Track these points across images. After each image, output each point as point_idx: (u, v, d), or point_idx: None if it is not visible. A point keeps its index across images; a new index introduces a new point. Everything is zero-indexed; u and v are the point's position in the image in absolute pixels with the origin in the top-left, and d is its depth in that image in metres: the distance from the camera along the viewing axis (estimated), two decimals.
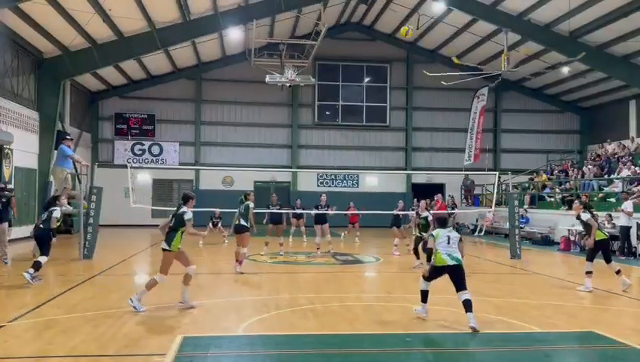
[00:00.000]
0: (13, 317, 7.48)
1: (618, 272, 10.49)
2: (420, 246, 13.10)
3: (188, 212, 8.18)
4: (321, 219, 16.19)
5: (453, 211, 23.96)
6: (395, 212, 15.96)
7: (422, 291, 7.79)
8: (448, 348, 6.62)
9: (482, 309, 8.39)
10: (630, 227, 16.02)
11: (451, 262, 7.42)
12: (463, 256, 7.58)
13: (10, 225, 13.54)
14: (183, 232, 8.14)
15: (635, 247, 16.19)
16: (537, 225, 21.49)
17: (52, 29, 19.42)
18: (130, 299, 7.95)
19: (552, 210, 21.93)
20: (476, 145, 28.16)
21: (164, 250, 8.11)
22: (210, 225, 18.41)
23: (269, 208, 15.85)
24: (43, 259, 10.40)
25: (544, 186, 24.68)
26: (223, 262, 14.11)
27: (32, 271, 10.13)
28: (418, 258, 13.19)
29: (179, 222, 8.13)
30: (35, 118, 20.77)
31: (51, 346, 6.12)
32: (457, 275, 7.44)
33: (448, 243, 7.54)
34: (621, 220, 16.05)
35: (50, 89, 21.17)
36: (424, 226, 12.89)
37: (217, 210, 18.48)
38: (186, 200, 8.37)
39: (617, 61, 22.67)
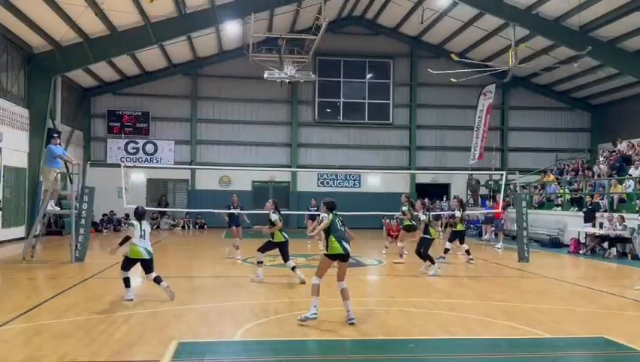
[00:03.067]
0: (3, 322, 7.34)
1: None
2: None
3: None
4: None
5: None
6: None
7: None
8: (453, 354, 6.46)
9: (489, 314, 8.36)
10: None
11: None
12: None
13: None
14: None
15: None
16: (545, 227, 20.90)
17: (42, 23, 19.09)
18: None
19: (560, 211, 21.39)
20: (482, 144, 27.55)
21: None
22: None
23: (229, 209, 15.09)
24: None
25: (543, 186, 24.09)
26: (221, 265, 13.95)
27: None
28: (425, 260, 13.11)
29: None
30: (24, 115, 20.51)
31: (42, 352, 6.00)
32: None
33: None
34: None
35: (40, 85, 20.89)
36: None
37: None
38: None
39: (629, 56, 22.24)
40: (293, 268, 10.90)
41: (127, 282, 8.96)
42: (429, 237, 12.54)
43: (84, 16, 18.85)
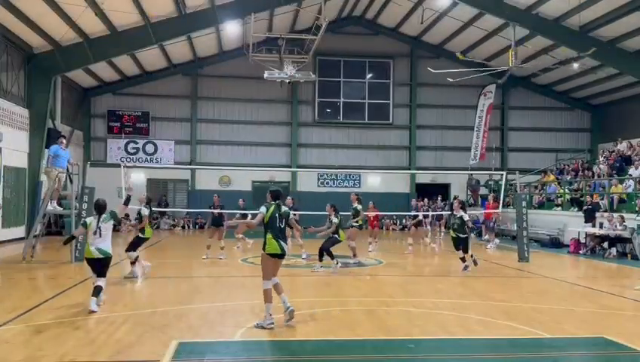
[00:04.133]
0: (3, 322, 7.30)
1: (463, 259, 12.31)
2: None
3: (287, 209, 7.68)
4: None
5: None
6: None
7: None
8: (453, 354, 6.41)
9: (489, 314, 8.33)
10: None
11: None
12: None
13: None
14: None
15: None
16: (545, 227, 20.89)
17: (42, 23, 19.03)
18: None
19: (560, 211, 21.36)
20: (482, 144, 27.50)
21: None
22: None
23: (210, 209, 15.21)
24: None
25: (543, 186, 24.14)
26: (220, 264, 13.92)
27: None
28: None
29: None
30: (25, 115, 20.44)
31: (42, 352, 5.96)
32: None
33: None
34: None
35: (40, 85, 20.83)
36: (459, 226, 13.08)
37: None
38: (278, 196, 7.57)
39: (629, 56, 22.18)
40: (135, 259, 10.97)
41: (95, 290, 7.95)
42: (337, 237, 12.51)
43: (84, 16, 18.79)
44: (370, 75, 29.73)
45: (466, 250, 13.12)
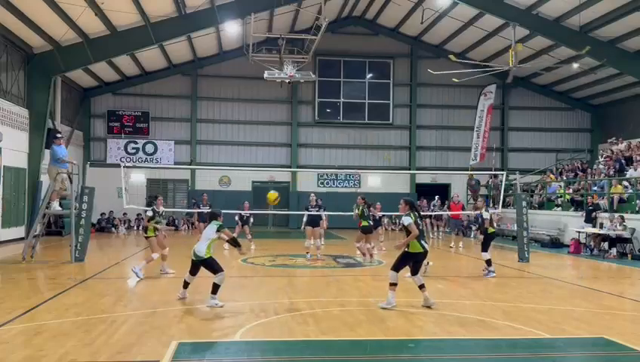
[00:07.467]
0: (3, 322, 7.34)
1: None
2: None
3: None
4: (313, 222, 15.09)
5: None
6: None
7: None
8: (453, 354, 6.42)
9: (489, 314, 8.37)
10: None
11: None
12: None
13: None
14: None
15: None
16: (545, 227, 20.90)
17: (42, 23, 19.04)
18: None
19: (560, 211, 21.38)
20: (483, 144, 27.50)
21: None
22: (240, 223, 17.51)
23: (199, 207, 15.70)
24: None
25: (543, 186, 24.13)
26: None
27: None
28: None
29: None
30: (24, 115, 20.44)
31: (42, 352, 6.00)
32: None
33: None
34: None
35: (40, 85, 20.82)
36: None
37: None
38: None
39: (630, 56, 22.21)
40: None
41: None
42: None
43: (84, 16, 18.78)
44: (370, 75, 29.72)
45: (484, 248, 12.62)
